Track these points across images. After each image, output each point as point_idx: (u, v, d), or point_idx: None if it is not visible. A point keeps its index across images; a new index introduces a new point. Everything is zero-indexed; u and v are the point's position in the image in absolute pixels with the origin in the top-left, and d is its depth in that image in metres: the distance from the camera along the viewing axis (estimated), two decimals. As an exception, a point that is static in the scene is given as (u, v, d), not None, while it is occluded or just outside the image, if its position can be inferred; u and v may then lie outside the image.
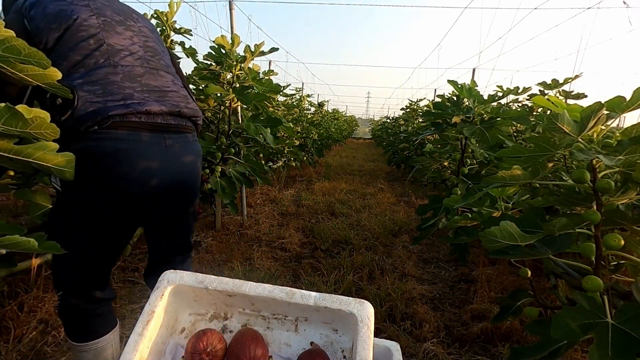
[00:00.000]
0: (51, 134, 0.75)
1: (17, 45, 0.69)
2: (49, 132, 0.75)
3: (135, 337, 0.57)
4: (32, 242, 0.70)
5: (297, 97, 6.05)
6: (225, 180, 2.53)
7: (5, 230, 0.71)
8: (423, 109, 6.58)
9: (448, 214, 1.94)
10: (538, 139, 0.94)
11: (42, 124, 0.73)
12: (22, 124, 0.70)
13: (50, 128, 0.74)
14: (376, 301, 1.99)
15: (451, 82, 2.17)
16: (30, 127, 0.71)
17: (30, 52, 0.70)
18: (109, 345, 1.14)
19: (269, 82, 2.51)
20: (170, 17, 2.69)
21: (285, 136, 4.18)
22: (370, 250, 2.80)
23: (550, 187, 1.24)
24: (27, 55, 0.70)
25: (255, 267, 2.36)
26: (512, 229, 0.88)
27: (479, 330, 1.75)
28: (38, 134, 0.74)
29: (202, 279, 0.63)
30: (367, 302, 0.61)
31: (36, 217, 1.72)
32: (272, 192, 4.49)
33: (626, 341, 0.68)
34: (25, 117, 0.70)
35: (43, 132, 0.74)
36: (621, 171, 0.90)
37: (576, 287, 1.04)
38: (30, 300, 1.67)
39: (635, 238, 0.94)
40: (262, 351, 0.61)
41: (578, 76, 2.76)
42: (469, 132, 1.97)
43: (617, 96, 0.86)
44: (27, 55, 0.70)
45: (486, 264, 2.46)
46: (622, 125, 6.74)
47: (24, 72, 0.73)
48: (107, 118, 0.94)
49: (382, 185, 5.67)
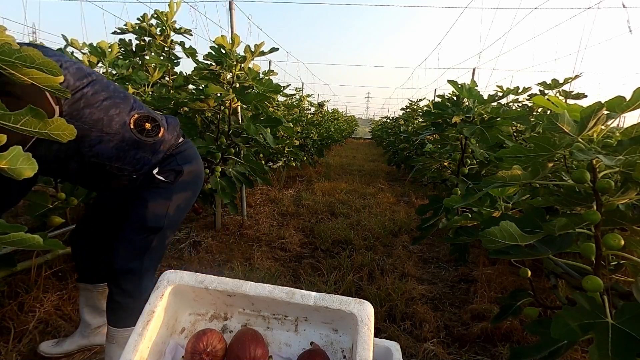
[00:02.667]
0: (68, 135, 0.77)
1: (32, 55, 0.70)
2: (67, 133, 0.77)
3: (135, 337, 0.57)
4: (37, 238, 0.71)
5: (297, 97, 6.05)
6: (225, 180, 2.54)
7: (8, 229, 0.71)
8: (423, 109, 6.59)
9: (448, 214, 1.94)
10: (538, 139, 0.94)
11: (61, 126, 0.75)
12: (42, 125, 0.73)
13: (68, 129, 0.76)
14: (376, 301, 1.99)
15: (451, 82, 2.17)
16: (49, 128, 0.74)
17: (44, 62, 0.72)
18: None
19: (269, 82, 2.51)
20: (170, 17, 2.70)
21: (285, 136, 4.18)
22: (370, 250, 2.80)
23: (550, 187, 1.24)
24: (40, 64, 0.72)
25: (255, 267, 2.36)
26: (512, 229, 0.88)
27: (479, 330, 1.75)
28: (56, 135, 0.76)
29: (202, 279, 0.63)
30: (367, 302, 0.61)
31: (36, 217, 1.73)
32: (272, 192, 4.49)
33: (626, 341, 0.68)
34: (45, 118, 0.72)
35: (61, 133, 0.76)
36: (621, 171, 0.90)
37: (576, 287, 1.04)
38: (30, 300, 1.67)
39: (635, 238, 0.94)
40: (262, 351, 0.61)
41: (578, 76, 2.76)
42: (469, 132, 1.97)
43: (617, 96, 0.86)
44: (40, 64, 0.72)
45: (486, 264, 2.46)
46: (622, 125, 6.74)
47: (27, 76, 0.74)
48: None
49: (382, 185, 5.67)
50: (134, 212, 1.22)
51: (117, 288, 1.22)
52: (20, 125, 0.71)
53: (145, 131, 1.17)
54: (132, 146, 1.14)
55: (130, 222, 1.22)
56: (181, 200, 1.27)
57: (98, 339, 1.47)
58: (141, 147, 1.16)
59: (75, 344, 1.44)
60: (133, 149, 1.15)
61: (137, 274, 1.22)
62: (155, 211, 1.21)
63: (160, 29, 2.71)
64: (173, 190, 1.24)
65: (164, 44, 2.71)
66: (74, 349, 1.45)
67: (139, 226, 1.21)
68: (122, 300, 1.22)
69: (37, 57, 0.71)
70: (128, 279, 1.21)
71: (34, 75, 0.74)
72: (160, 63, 2.45)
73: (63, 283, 1.86)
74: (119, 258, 1.21)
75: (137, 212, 1.21)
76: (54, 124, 0.74)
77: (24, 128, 0.72)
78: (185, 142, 1.32)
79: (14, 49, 0.69)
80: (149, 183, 1.22)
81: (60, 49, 2.21)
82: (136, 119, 1.15)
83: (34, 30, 6.23)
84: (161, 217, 1.22)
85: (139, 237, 1.22)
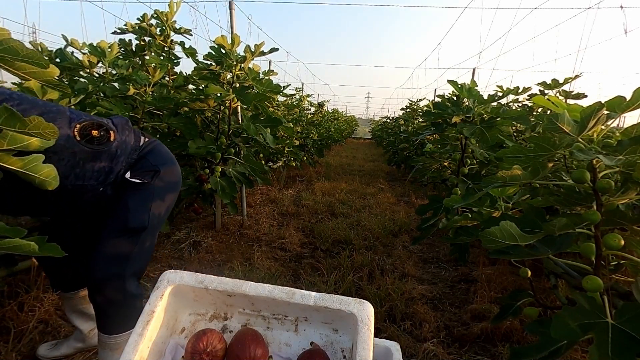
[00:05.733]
0: (50, 134, 0.75)
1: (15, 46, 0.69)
2: (48, 132, 0.74)
3: (135, 337, 0.57)
4: (32, 245, 0.69)
5: (297, 97, 6.05)
6: (225, 180, 2.53)
7: (6, 233, 0.70)
8: (423, 109, 6.58)
9: (448, 214, 1.94)
10: (538, 139, 0.94)
11: (40, 125, 0.73)
12: (20, 125, 0.71)
13: (48, 128, 0.74)
14: (376, 301, 1.99)
15: (451, 82, 2.17)
16: (29, 127, 0.72)
17: (28, 53, 0.70)
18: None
19: (268, 82, 2.51)
20: (170, 17, 2.69)
21: (285, 136, 4.18)
22: (370, 250, 2.80)
23: (550, 187, 1.24)
24: (25, 55, 0.70)
25: (255, 267, 2.36)
26: (512, 229, 0.88)
27: (479, 330, 1.75)
28: (37, 133, 0.74)
29: (202, 279, 0.63)
30: (367, 302, 0.61)
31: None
32: (272, 192, 4.48)
33: (626, 341, 0.68)
34: (22, 118, 0.70)
35: (42, 132, 0.74)
36: (621, 171, 0.90)
37: (576, 287, 1.04)
38: (30, 300, 1.67)
39: (635, 238, 0.94)
40: (262, 351, 0.61)
41: (578, 76, 2.76)
42: (469, 132, 1.97)
43: (617, 96, 0.86)
44: (25, 55, 0.70)
45: (486, 264, 2.46)
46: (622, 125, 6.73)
47: (21, 71, 0.73)
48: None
49: (382, 185, 5.67)
50: (115, 214, 1.17)
51: (100, 297, 1.16)
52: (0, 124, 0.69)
53: (95, 139, 1.08)
54: (86, 159, 1.07)
55: (111, 225, 1.16)
56: (163, 198, 1.24)
57: (94, 340, 1.46)
58: (96, 157, 1.09)
59: (73, 347, 1.44)
60: (89, 161, 1.08)
61: (120, 279, 1.16)
62: (138, 211, 1.17)
63: (160, 29, 2.70)
64: (153, 188, 1.20)
65: (164, 44, 2.71)
66: (71, 352, 1.44)
67: (121, 228, 1.16)
68: (107, 309, 1.17)
69: (20, 48, 0.70)
70: (111, 287, 1.15)
71: (28, 70, 0.74)
72: (160, 63, 2.45)
73: (63, 283, 1.86)
74: (98, 266, 1.14)
75: (117, 215, 1.16)
76: (33, 122, 0.72)
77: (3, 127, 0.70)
78: (151, 141, 1.28)
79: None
80: (126, 187, 1.17)
81: (60, 49, 2.21)
82: (80, 129, 1.06)
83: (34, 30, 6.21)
84: (144, 217, 1.18)
85: (120, 239, 1.16)
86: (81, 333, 1.44)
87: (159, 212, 1.23)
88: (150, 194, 1.20)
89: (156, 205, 1.21)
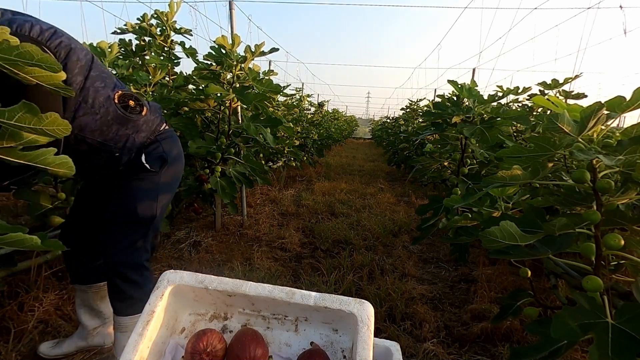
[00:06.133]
0: (63, 131, 0.77)
1: (31, 51, 0.70)
2: (61, 128, 0.76)
3: (135, 337, 0.57)
4: (35, 239, 0.70)
5: (297, 97, 6.05)
6: (225, 180, 2.54)
7: (7, 230, 0.71)
8: (423, 109, 6.59)
9: (448, 214, 1.94)
10: (538, 139, 0.94)
11: (55, 121, 0.75)
12: (36, 121, 0.72)
13: (62, 125, 0.76)
14: (376, 301, 1.99)
15: (451, 82, 2.17)
16: (44, 123, 0.74)
17: (43, 57, 0.71)
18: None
19: (269, 82, 2.51)
20: (170, 17, 2.69)
21: (285, 136, 4.18)
22: (370, 250, 2.80)
23: (550, 187, 1.24)
24: (39, 60, 0.71)
25: (255, 267, 2.36)
26: (512, 229, 0.88)
27: (479, 330, 1.75)
28: (51, 130, 0.76)
29: (202, 279, 0.63)
30: (367, 302, 0.61)
31: (36, 217, 1.73)
32: (272, 192, 4.48)
33: (626, 341, 0.68)
34: (40, 114, 0.72)
35: (56, 129, 0.76)
36: (621, 171, 0.90)
37: (576, 287, 1.04)
38: (30, 300, 1.67)
39: (635, 238, 0.94)
40: (262, 351, 0.61)
41: (578, 76, 2.76)
42: (469, 132, 1.97)
43: (617, 96, 0.86)
44: (39, 60, 0.71)
45: (486, 264, 2.46)
46: (622, 125, 6.73)
47: (31, 75, 0.74)
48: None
49: (382, 185, 5.67)
50: (125, 205, 1.24)
51: (121, 279, 1.24)
52: (14, 121, 0.70)
53: (129, 108, 1.19)
54: (115, 121, 1.16)
55: (122, 215, 1.24)
56: (168, 187, 1.32)
57: (97, 340, 1.46)
58: (124, 123, 1.18)
59: (74, 345, 1.44)
60: (116, 124, 1.17)
61: (138, 263, 1.25)
62: (146, 201, 1.24)
63: (160, 29, 2.70)
64: (160, 178, 1.28)
65: (164, 44, 2.71)
66: (72, 351, 1.45)
67: (131, 219, 1.23)
68: (129, 289, 1.25)
69: (36, 53, 0.70)
70: (132, 270, 1.24)
71: (36, 74, 0.74)
72: (160, 63, 2.45)
73: (63, 283, 1.86)
74: (116, 251, 1.23)
75: (127, 205, 1.24)
76: (48, 119, 0.74)
77: (18, 124, 0.71)
78: (169, 129, 1.36)
79: (13, 45, 0.68)
80: (136, 172, 1.24)
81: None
82: (120, 95, 1.17)
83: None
84: (153, 206, 1.26)
85: (133, 229, 1.25)
86: (85, 331, 1.45)
87: (164, 200, 1.32)
88: (157, 182, 1.28)
89: (162, 194, 1.31)
